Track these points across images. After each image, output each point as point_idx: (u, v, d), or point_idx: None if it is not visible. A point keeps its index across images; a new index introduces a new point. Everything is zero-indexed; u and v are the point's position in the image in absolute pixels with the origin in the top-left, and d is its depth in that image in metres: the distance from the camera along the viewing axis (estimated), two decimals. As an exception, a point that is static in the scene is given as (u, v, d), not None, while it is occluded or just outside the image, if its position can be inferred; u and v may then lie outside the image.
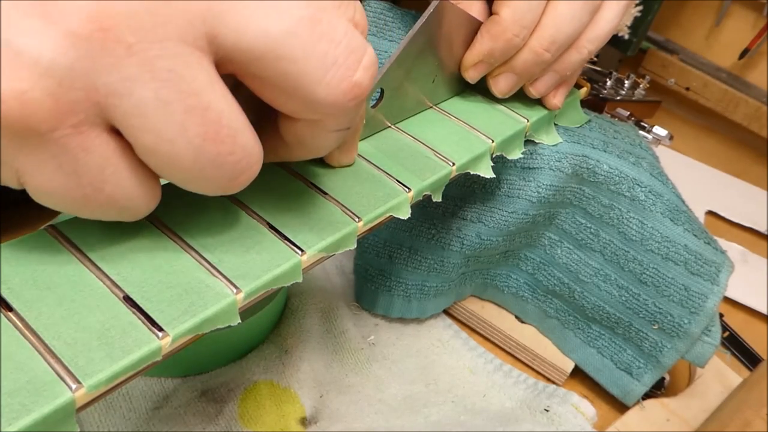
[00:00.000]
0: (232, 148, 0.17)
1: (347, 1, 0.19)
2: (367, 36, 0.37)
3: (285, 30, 0.17)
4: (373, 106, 0.27)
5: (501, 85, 0.32)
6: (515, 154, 0.32)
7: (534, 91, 0.33)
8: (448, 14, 0.28)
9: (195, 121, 0.16)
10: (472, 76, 0.31)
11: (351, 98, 0.18)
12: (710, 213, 0.65)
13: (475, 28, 0.30)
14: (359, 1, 0.20)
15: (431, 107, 0.31)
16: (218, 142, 0.16)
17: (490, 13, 0.30)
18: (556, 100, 0.34)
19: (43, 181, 0.16)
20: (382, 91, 0.27)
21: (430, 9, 0.26)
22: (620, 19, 0.32)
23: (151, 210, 0.18)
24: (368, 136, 0.28)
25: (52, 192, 0.16)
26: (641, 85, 0.66)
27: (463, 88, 0.33)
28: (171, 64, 0.15)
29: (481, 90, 0.33)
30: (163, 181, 0.22)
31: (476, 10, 0.30)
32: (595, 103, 0.58)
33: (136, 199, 0.17)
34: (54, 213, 0.36)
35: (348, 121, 0.20)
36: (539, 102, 0.34)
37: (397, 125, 0.29)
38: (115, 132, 0.16)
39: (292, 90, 0.18)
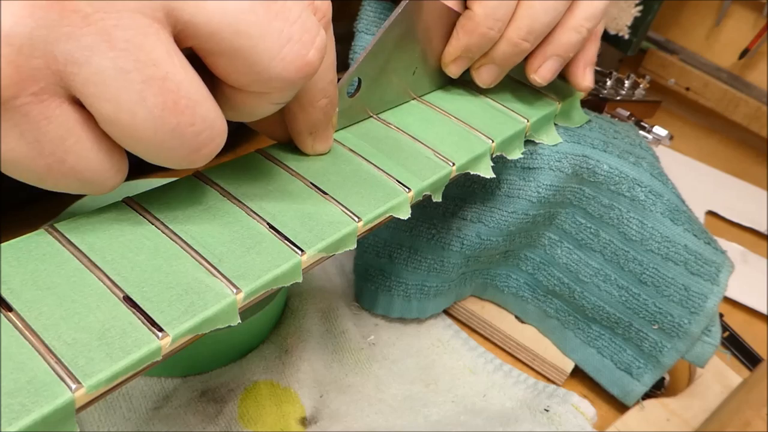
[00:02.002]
0: (192, 119, 0.17)
1: None
2: (366, 35, 0.37)
3: (242, 6, 0.17)
4: (351, 96, 0.27)
5: (483, 77, 0.32)
6: (515, 154, 0.32)
7: (539, 79, 0.32)
8: (425, 5, 0.28)
9: (153, 91, 0.16)
10: (453, 71, 0.32)
11: (302, 75, 0.19)
12: (710, 213, 0.65)
13: (453, 19, 0.30)
14: None
15: (416, 98, 0.31)
16: (177, 113, 0.17)
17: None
18: (587, 81, 0.34)
19: (6, 150, 0.16)
20: (360, 80, 0.27)
21: (405, 1, 0.26)
22: None
23: (117, 185, 0.19)
24: (347, 126, 0.28)
25: (15, 161, 0.16)
26: (641, 85, 0.66)
27: (449, 80, 0.33)
28: (128, 35, 0.16)
29: (466, 83, 0.33)
30: (164, 181, 0.22)
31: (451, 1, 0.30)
32: (595, 103, 0.58)
33: (99, 171, 0.18)
34: (54, 213, 0.36)
35: (290, 96, 0.20)
36: (539, 102, 0.34)
37: (397, 126, 0.29)
38: (78, 104, 0.17)
39: (247, 65, 0.18)
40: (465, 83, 0.34)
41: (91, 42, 0.15)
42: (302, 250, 0.21)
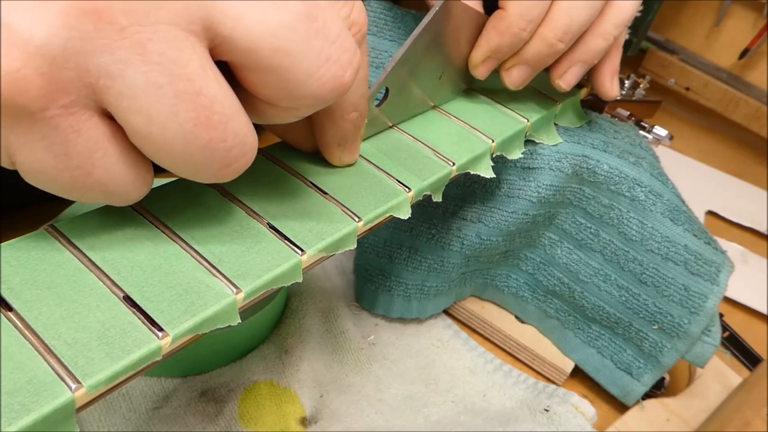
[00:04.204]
0: (224, 135, 0.17)
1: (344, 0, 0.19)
2: (367, 35, 0.37)
3: (283, 23, 0.17)
4: (377, 105, 0.27)
5: (514, 77, 0.31)
6: (515, 154, 0.32)
7: (564, 84, 0.32)
8: (454, 11, 0.28)
9: (186, 105, 0.16)
10: (481, 72, 0.31)
11: (335, 95, 0.19)
12: (710, 213, 0.65)
13: (480, 23, 0.30)
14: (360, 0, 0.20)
15: (434, 107, 0.31)
16: (210, 128, 0.16)
17: (485, 5, 0.30)
18: (614, 90, 0.34)
19: (32, 161, 0.16)
20: (387, 90, 0.27)
21: (436, 7, 0.26)
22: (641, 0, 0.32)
23: (142, 196, 0.18)
24: (371, 136, 0.28)
25: (41, 172, 0.16)
26: (641, 85, 0.66)
27: (467, 87, 0.33)
28: (163, 48, 0.15)
29: (483, 89, 0.33)
30: (163, 181, 0.22)
31: (471, 3, 0.30)
32: (595, 103, 0.58)
33: (125, 184, 0.17)
34: (54, 213, 0.36)
35: (316, 110, 0.20)
36: (539, 102, 0.34)
37: (397, 126, 0.29)
38: (108, 117, 0.16)
39: (281, 82, 0.18)
40: (474, 85, 0.33)
41: (126, 55, 0.15)
42: (302, 250, 0.21)
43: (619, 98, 0.59)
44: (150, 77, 0.15)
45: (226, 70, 0.18)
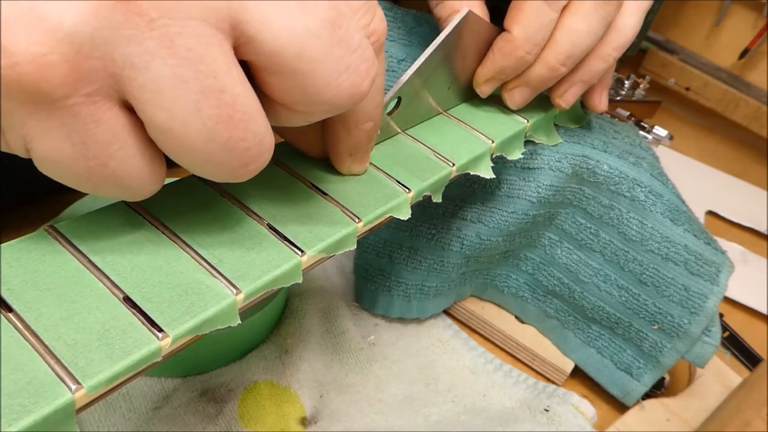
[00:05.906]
0: (245, 134, 0.17)
1: (366, 8, 0.19)
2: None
3: (309, 29, 0.17)
4: (389, 114, 0.27)
5: (516, 98, 0.32)
6: (515, 154, 0.32)
7: (563, 103, 0.33)
8: (471, 25, 0.28)
9: (209, 102, 0.16)
10: (484, 91, 0.32)
11: (351, 103, 0.19)
12: (710, 213, 0.65)
13: (489, 35, 0.30)
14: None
15: (441, 113, 0.31)
16: (231, 127, 0.16)
17: (491, 16, 0.30)
18: (602, 104, 0.35)
19: (49, 149, 0.16)
20: (399, 98, 0.27)
21: (458, 18, 0.26)
22: (642, 22, 0.32)
23: (154, 192, 0.18)
24: (379, 143, 0.28)
25: (57, 162, 0.16)
26: (641, 85, 0.66)
27: (474, 95, 0.33)
28: (191, 43, 0.15)
29: (491, 99, 0.33)
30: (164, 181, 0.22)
31: (477, 11, 0.30)
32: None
33: (140, 178, 0.17)
34: (54, 213, 0.36)
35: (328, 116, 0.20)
36: (539, 102, 0.34)
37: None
38: (128, 109, 0.16)
39: (300, 87, 0.18)
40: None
41: (153, 47, 0.15)
42: (302, 251, 0.21)
43: (619, 98, 0.59)
44: (176, 71, 0.15)
45: (244, 70, 0.18)
